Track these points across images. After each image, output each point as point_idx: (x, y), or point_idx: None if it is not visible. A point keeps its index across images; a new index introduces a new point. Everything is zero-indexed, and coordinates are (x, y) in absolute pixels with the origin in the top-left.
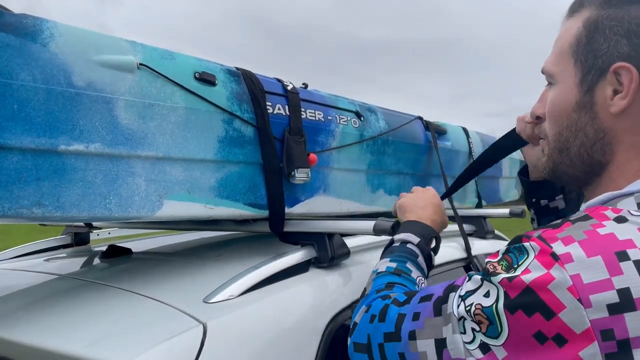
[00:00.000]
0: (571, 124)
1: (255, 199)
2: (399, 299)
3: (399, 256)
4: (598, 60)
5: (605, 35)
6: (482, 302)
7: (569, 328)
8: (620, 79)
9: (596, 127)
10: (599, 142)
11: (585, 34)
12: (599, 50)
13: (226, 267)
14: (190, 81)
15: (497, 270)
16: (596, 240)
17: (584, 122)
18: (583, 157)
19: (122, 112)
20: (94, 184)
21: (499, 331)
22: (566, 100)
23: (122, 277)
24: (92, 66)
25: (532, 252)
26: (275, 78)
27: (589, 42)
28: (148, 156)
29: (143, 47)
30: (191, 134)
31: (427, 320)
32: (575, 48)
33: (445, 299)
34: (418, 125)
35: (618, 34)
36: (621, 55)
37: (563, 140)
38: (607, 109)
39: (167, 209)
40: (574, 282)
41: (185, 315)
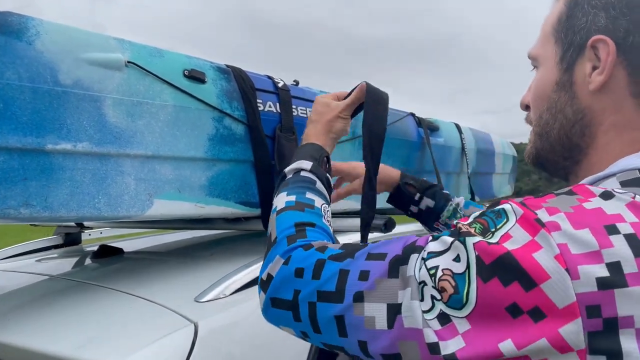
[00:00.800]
0: (551, 106)
1: (247, 197)
2: (333, 252)
3: (295, 187)
4: (576, 36)
5: (584, 10)
6: (452, 268)
7: (550, 301)
8: (598, 54)
9: (575, 108)
10: (577, 124)
11: (566, 11)
12: (577, 26)
13: (218, 266)
14: (180, 79)
15: (471, 232)
16: (584, 214)
17: (563, 102)
18: (563, 141)
19: (110, 111)
20: (83, 183)
21: (464, 302)
22: (547, 81)
23: (113, 277)
24: (79, 64)
25: (513, 216)
26: (266, 75)
27: (568, 19)
28: (137, 155)
29: (131, 44)
30: (181, 132)
31: (378, 281)
32: (557, 27)
33: (404, 259)
34: (410, 122)
35: (596, 7)
36: (599, 29)
37: (543, 124)
38: (585, 87)
39: (157, 208)
40: (562, 250)
41: (176, 314)
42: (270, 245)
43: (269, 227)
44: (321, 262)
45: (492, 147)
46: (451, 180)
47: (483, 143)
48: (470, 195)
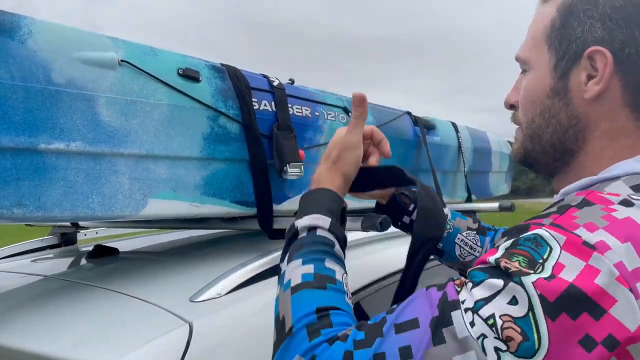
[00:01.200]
0: (544, 111)
1: (242, 196)
2: (357, 338)
3: (312, 253)
4: (572, 45)
5: (580, 19)
6: (511, 312)
7: (622, 325)
8: (595, 64)
9: (570, 114)
10: (572, 129)
11: (560, 18)
12: (573, 35)
13: (213, 265)
14: (174, 77)
15: (523, 270)
16: (619, 225)
17: (558, 108)
18: (555, 145)
19: (104, 110)
20: (76, 183)
21: (536, 347)
22: (540, 86)
23: (108, 277)
24: (72, 63)
25: (556, 243)
26: (261, 74)
27: (563, 27)
28: (131, 154)
29: (125, 43)
30: (175, 131)
31: (427, 354)
32: (550, 33)
33: (445, 320)
34: (407, 121)
35: (592, 18)
36: (595, 40)
37: (535, 127)
38: (581, 95)
39: (151, 207)
40: (620, 271)
41: (171, 314)
42: (285, 335)
43: (279, 306)
44: (349, 354)
45: (489, 146)
46: (448, 179)
47: (480, 142)
48: (467, 194)
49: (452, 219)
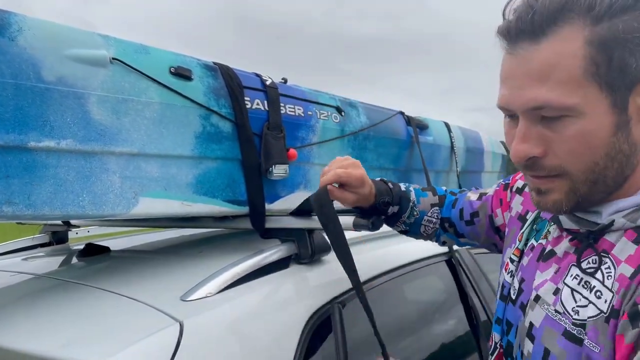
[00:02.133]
0: (610, 150)
1: (234, 195)
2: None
3: None
4: (627, 77)
5: (630, 49)
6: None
7: None
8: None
9: (631, 142)
10: (632, 156)
11: (603, 54)
12: (628, 66)
13: (205, 264)
14: (166, 76)
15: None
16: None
17: (622, 141)
18: (617, 178)
19: (95, 108)
20: (66, 181)
21: None
22: (603, 127)
23: (99, 276)
24: (63, 61)
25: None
26: (254, 73)
27: (612, 60)
28: (122, 152)
29: (116, 41)
30: (167, 130)
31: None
32: (595, 71)
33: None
34: (399, 120)
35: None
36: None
37: (599, 170)
38: (637, 121)
39: (142, 206)
40: None
41: (161, 313)
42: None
43: None
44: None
45: (482, 146)
46: (440, 179)
47: (472, 142)
48: None
49: (417, 203)
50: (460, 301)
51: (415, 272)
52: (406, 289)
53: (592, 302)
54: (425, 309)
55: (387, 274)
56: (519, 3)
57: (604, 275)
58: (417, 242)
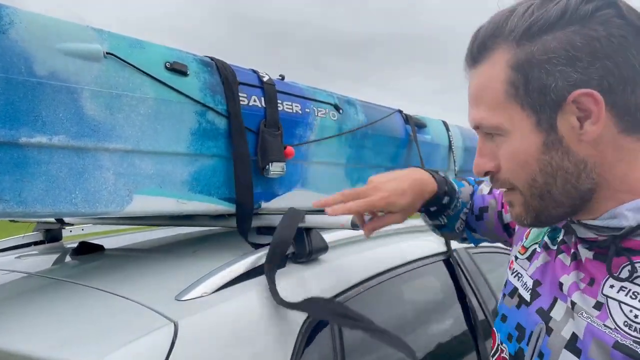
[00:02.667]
0: (544, 166)
1: (230, 193)
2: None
3: None
4: (549, 96)
5: (547, 70)
6: None
7: None
8: (582, 106)
9: (574, 160)
10: (583, 173)
11: (520, 76)
12: (546, 87)
13: (200, 263)
14: (161, 71)
15: None
16: None
17: (559, 159)
18: (570, 193)
19: (88, 103)
20: (59, 178)
21: None
22: (530, 146)
23: (92, 275)
24: (55, 54)
25: None
26: (251, 69)
27: (529, 82)
28: (116, 149)
29: (110, 35)
30: (162, 126)
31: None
32: (515, 92)
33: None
34: (398, 119)
35: (560, 64)
36: (574, 84)
37: (540, 185)
38: (577, 139)
39: (137, 204)
40: None
41: (155, 313)
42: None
43: None
44: None
45: None
46: None
47: (470, 141)
48: None
49: (459, 193)
50: (458, 301)
51: (413, 271)
52: (404, 289)
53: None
54: (424, 308)
55: (385, 273)
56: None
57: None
58: (415, 240)
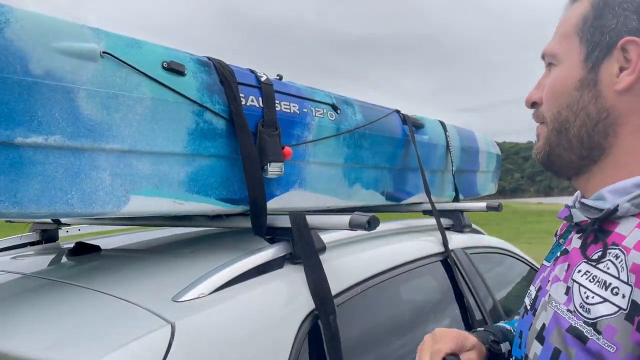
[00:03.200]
0: (572, 103)
1: (228, 193)
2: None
3: None
4: (605, 37)
5: (615, 12)
6: None
7: None
8: (628, 56)
9: (599, 106)
10: (601, 123)
11: (593, 12)
12: (606, 27)
13: (198, 264)
14: (158, 71)
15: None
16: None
17: (587, 100)
18: (583, 139)
19: (84, 103)
20: (55, 178)
21: None
22: (569, 78)
23: (89, 276)
24: (51, 54)
25: None
26: (248, 69)
27: (596, 19)
28: (113, 149)
29: (107, 34)
30: (159, 126)
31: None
32: (582, 26)
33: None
34: (395, 119)
35: (628, 10)
36: (630, 31)
37: (562, 120)
38: (611, 87)
39: (134, 204)
40: None
41: (152, 314)
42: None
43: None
44: None
45: (477, 145)
46: (436, 178)
47: (467, 141)
48: (454, 193)
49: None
50: (455, 301)
51: (411, 272)
52: (402, 289)
53: (608, 300)
54: (421, 308)
55: (382, 274)
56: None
57: (617, 269)
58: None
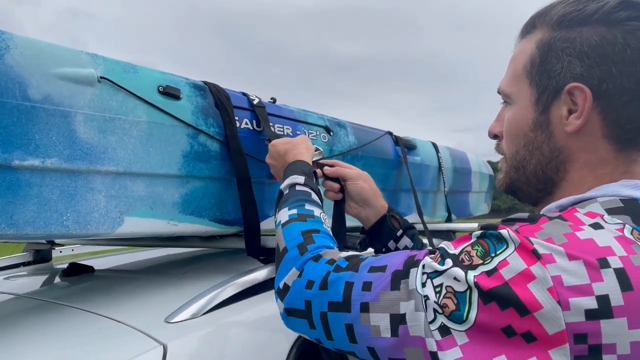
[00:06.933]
0: (528, 143)
1: (221, 214)
2: (340, 265)
3: (294, 201)
4: (552, 81)
5: (558, 56)
6: (454, 286)
7: (541, 328)
8: (575, 99)
9: (552, 146)
10: (554, 161)
11: (539, 55)
12: (552, 71)
13: (191, 284)
14: (154, 95)
15: (473, 264)
16: (577, 244)
17: (541, 140)
18: (538, 175)
19: (81, 126)
20: (50, 200)
21: (464, 318)
22: (523, 120)
23: (81, 297)
24: (49, 79)
25: (512, 244)
26: (240, 92)
27: (542, 63)
28: (108, 171)
29: (104, 60)
30: (154, 149)
31: (382, 293)
32: (530, 69)
33: (405, 273)
34: (388, 141)
35: (570, 55)
36: (574, 76)
37: (520, 159)
38: (562, 128)
39: (128, 225)
40: (555, 283)
41: (144, 335)
42: (281, 256)
43: (276, 239)
44: (328, 274)
45: (469, 166)
46: (428, 199)
47: (460, 162)
48: (447, 214)
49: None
50: None
51: None
52: None
53: None
54: None
55: None
56: None
57: None
58: None
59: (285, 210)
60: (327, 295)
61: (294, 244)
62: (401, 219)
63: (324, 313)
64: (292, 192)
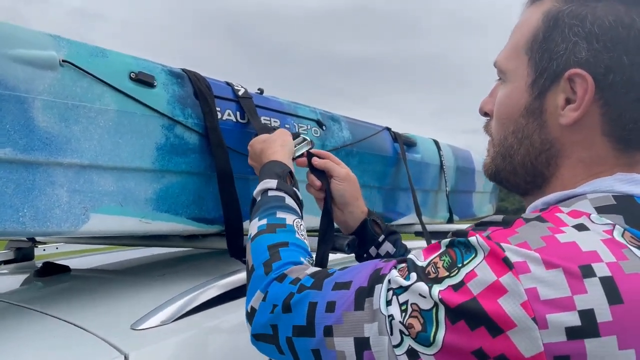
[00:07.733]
0: (517, 130)
1: (201, 212)
2: (304, 283)
3: (265, 210)
4: (553, 63)
5: (564, 35)
6: (420, 303)
7: (516, 349)
8: (575, 87)
9: (543, 137)
10: (544, 153)
11: (543, 29)
12: (555, 52)
13: (166, 288)
14: (124, 81)
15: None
16: (556, 249)
17: (532, 129)
18: (526, 167)
19: (40, 114)
20: (4, 194)
21: (431, 340)
22: (515, 104)
23: (48, 299)
24: (4, 61)
25: (481, 252)
26: (225, 82)
27: (545, 40)
28: (71, 164)
29: (69, 42)
30: (124, 140)
31: (345, 315)
32: (531, 45)
33: (369, 290)
34: (386, 137)
35: (578, 35)
36: (578, 61)
37: (507, 146)
38: (556, 119)
39: (94, 223)
40: (529, 297)
41: (105, 343)
42: (249, 275)
43: (246, 255)
44: (291, 296)
45: (473, 165)
46: (428, 199)
47: (463, 161)
48: (448, 214)
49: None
50: None
51: None
52: None
53: None
54: None
55: None
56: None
57: None
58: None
59: (255, 222)
60: (292, 318)
61: (260, 262)
62: (383, 224)
63: (289, 338)
64: (264, 199)
